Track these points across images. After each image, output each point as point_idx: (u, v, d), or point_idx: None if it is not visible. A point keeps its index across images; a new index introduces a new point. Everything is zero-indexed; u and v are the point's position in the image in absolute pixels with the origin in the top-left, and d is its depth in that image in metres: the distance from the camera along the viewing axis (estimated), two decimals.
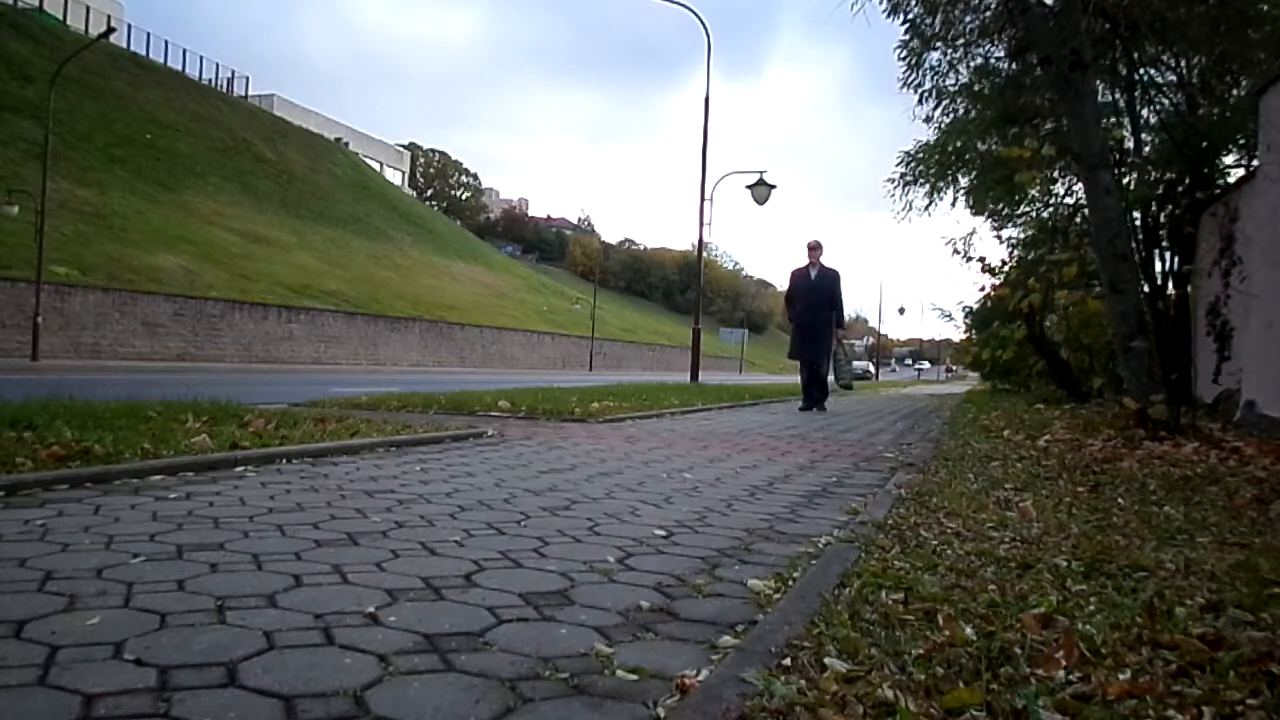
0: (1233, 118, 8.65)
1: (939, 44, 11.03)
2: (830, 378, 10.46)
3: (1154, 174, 9.49)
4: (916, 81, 11.66)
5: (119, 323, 23.63)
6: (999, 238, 13.67)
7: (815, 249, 9.82)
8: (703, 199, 17.57)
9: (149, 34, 48.90)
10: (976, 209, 13.41)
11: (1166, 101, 9.99)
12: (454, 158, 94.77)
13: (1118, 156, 9.04)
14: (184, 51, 51.65)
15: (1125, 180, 9.26)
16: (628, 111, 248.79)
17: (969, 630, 1.53)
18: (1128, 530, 2.64)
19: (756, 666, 1.35)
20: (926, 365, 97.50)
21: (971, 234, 13.58)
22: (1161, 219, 9.77)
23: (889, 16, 10.69)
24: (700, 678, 1.35)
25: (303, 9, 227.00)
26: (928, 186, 13.49)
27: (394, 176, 67.12)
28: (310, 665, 1.37)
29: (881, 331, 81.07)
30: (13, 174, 25.04)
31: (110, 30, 24.54)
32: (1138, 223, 9.61)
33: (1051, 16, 7.11)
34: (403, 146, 76.96)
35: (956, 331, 19.77)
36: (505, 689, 1.31)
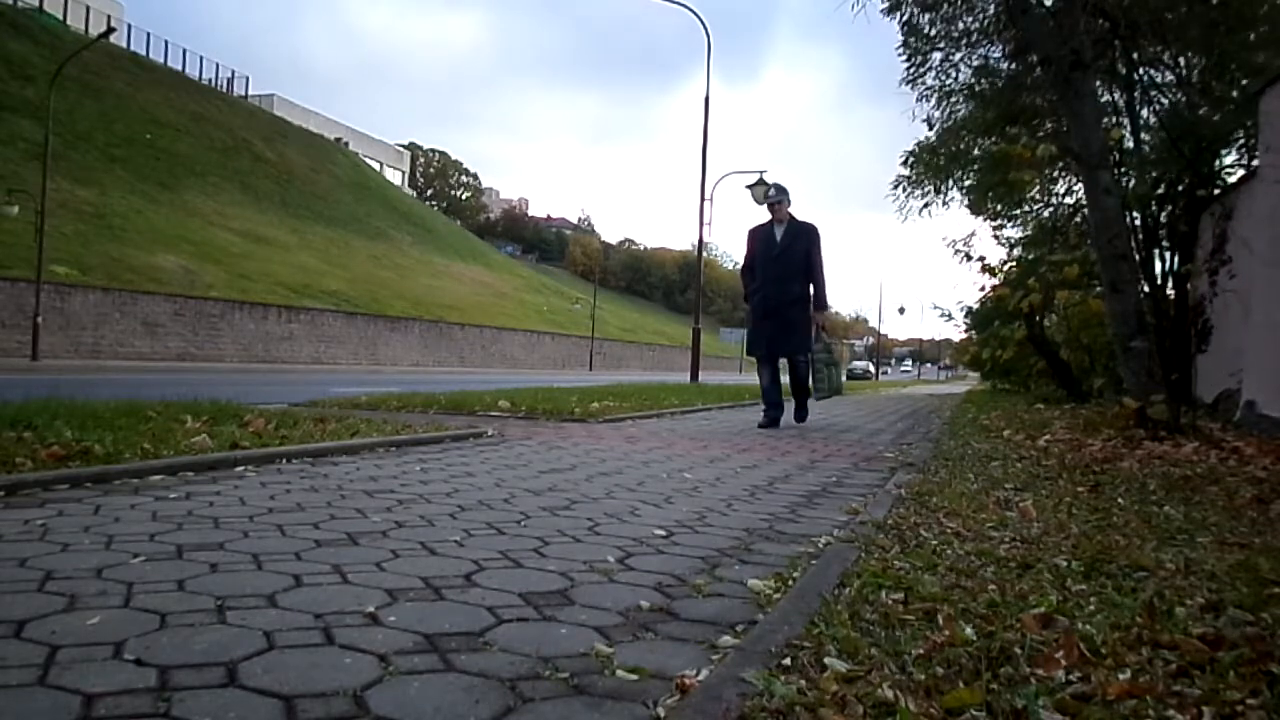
0: (1232, 118, 8.65)
1: (942, 44, 11.04)
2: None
3: (1154, 174, 9.49)
4: (916, 77, 11.68)
5: (119, 323, 23.63)
6: (998, 238, 13.70)
7: (778, 200, 7.06)
8: (703, 199, 17.60)
9: (149, 34, 48.99)
10: (976, 209, 13.44)
11: (1166, 101, 10.00)
12: (454, 158, 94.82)
13: (1118, 156, 9.05)
14: (184, 51, 51.72)
15: (1125, 180, 9.26)
16: (627, 113, 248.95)
17: (969, 630, 1.53)
18: (1128, 530, 2.64)
19: (756, 666, 1.35)
20: (909, 365, 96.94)
21: (970, 234, 13.61)
22: (1161, 219, 9.78)
23: (886, 15, 10.71)
24: (700, 678, 1.35)
25: (303, 11, 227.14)
26: (928, 187, 13.52)
27: (394, 176, 67.13)
28: (310, 665, 1.37)
29: (881, 331, 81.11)
30: (13, 174, 25.04)
31: (110, 30, 24.53)
32: (1138, 223, 9.61)
33: (1051, 17, 7.11)
34: (403, 146, 76.99)
35: (957, 331, 19.80)
36: (505, 689, 1.31)
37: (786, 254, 6.93)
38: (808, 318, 7.01)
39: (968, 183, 13.27)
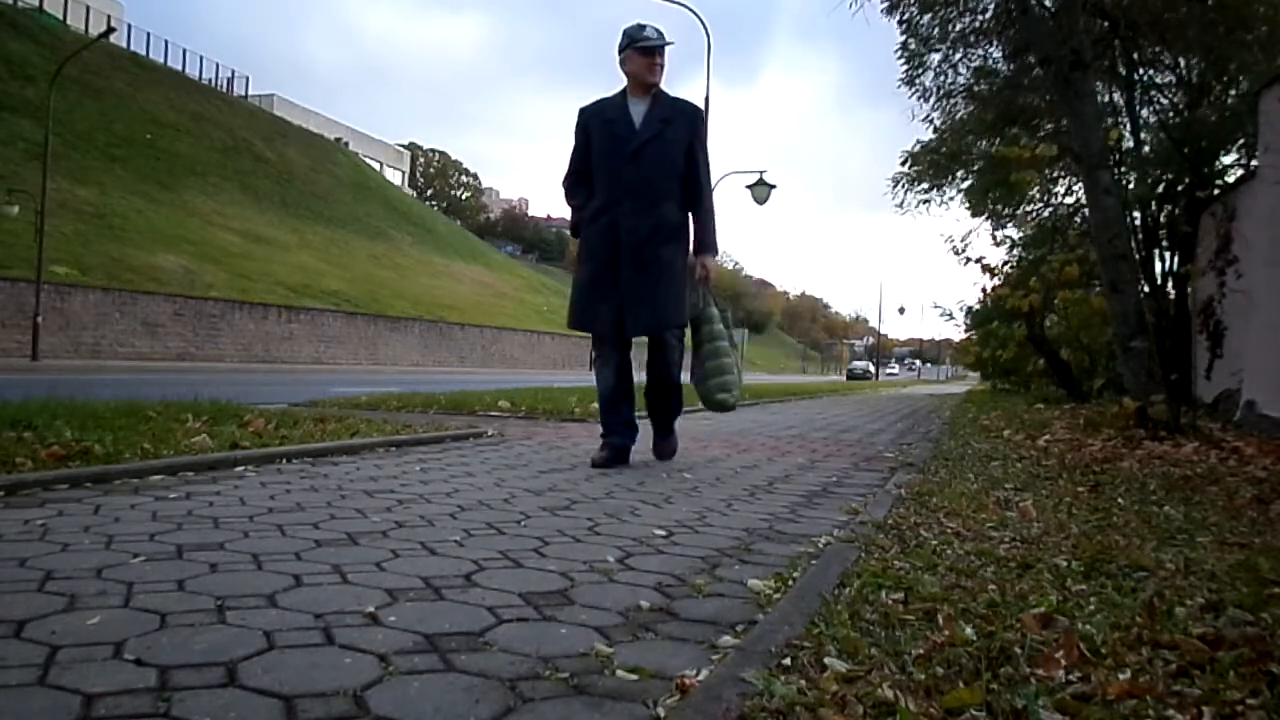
0: (1231, 118, 8.67)
1: (939, 45, 11.05)
2: (700, 384, 4.35)
3: (1153, 174, 9.51)
4: (914, 78, 11.70)
5: (119, 323, 23.62)
6: (997, 238, 13.71)
7: (656, 44, 4.05)
8: None
9: (149, 34, 48.98)
10: (976, 209, 13.45)
11: (1166, 101, 10.01)
12: (454, 158, 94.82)
13: (1117, 156, 9.05)
14: (184, 51, 51.72)
15: (1125, 180, 9.26)
16: None
17: (969, 630, 1.53)
18: (1128, 530, 2.64)
19: (756, 666, 1.35)
20: (896, 368, 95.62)
21: (968, 234, 13.62)
22: (1161, 219, 9.79)
23: (886, 15, 10.72)
24: (700, 677, 1.35)
25: (303, 12, 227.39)
26: (926, 185, 13.53)
27: (394, 176, 67.11)
28: (310, 665, 1.37)
29: (881, 331, 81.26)
30: (13, 174, 25.03)
31: (110, 30, 24.56)
32: (1138, 223, 9.62)
33: (1051, 17, 7.11)
34: (403, 146, 76.97)
35: (957, 331, 19.82)
36: (505, 689, 1.31)
37: (655, 149, 4.00)
38: (682, 264, 4.12)
39: (967, 184, 13.29)
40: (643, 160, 4.02)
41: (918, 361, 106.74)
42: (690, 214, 4.16)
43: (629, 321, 4.04)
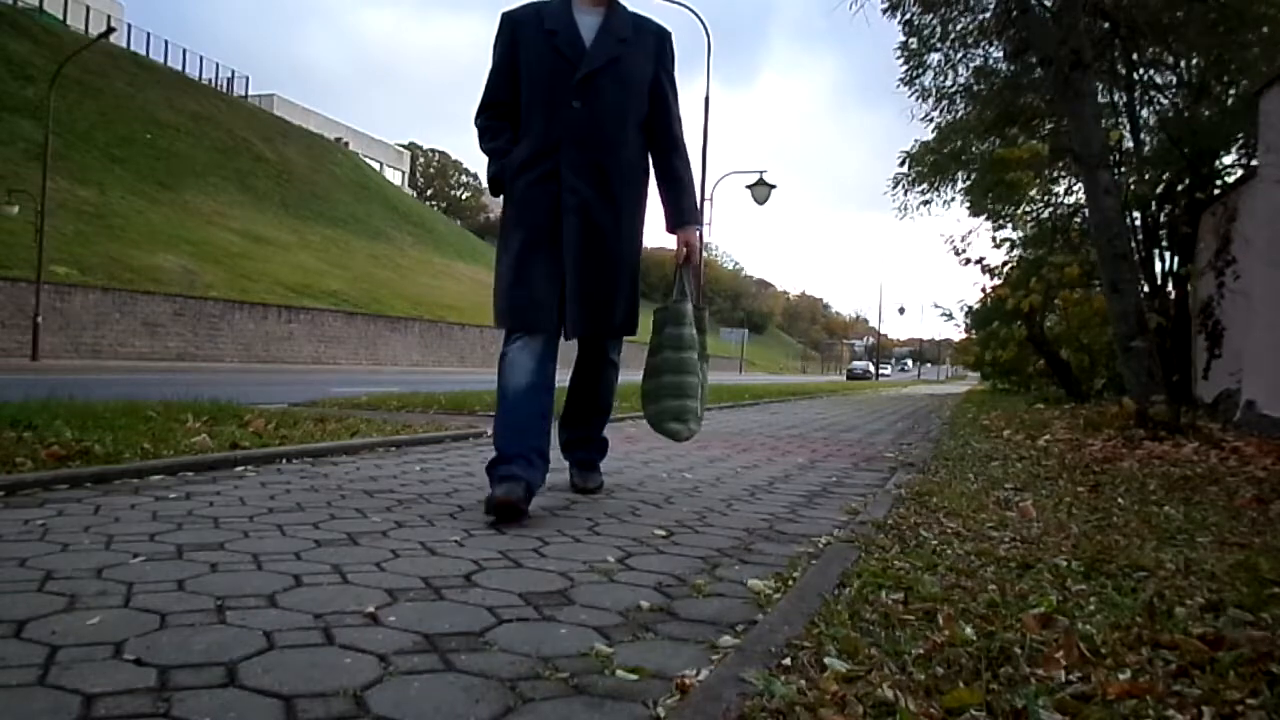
0: (1231, 118, 8.67)
1: (940, 45, 11.05)
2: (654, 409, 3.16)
3: (1153, 174, 9.51)
4: (914, 78, 11.71)
5: (119, 323, 23.60)
6: (996, 238, 13.71)
7: None
8: (702, 199, 17.61)
9: (149, 34, 49.00)
10: (975, 209, 13.46)
11: (1166, 101, 10.01)
12: (454, 158, 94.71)
13: (1117, 156, 9.06)
14: (184, 51, 51.71)
15: (1125, 180, 9.26)
16: None
17: (969, 630, 1.53)
18: (1128, 530, 2.64)
19: (756, 666, 1.35)
20: (888, 368, 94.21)
21: (968, 234, 13.63)
22: (1161, 219, 9.79)
23: (887, 16, 10.73)
24: (700, 678, 1.34)
25: (303, 13, 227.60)
26: (926, 186, 13.54)
27: (394, 176, 67.07)
28: (310, 665, 1.37)
29: (881, 331, 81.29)
30: (13, 174, 25.02)
31: (110, 30, 24.57)
32: (1138, 223, 9.62)
33: (1051, 17, 7.12)
34: (403, 146, 76.90)
35: (957, 331, 19.83)
36: (505, 689, 1.31)
37: (611, 78, 2.91)
38: (635, 242, 3.12)
39: (967, 184, 13.30)
40: (594, 93, 2.86)
41: (910, 363, 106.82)
42: (658, 173, 3.09)
43: (581, 318, 2.93)
